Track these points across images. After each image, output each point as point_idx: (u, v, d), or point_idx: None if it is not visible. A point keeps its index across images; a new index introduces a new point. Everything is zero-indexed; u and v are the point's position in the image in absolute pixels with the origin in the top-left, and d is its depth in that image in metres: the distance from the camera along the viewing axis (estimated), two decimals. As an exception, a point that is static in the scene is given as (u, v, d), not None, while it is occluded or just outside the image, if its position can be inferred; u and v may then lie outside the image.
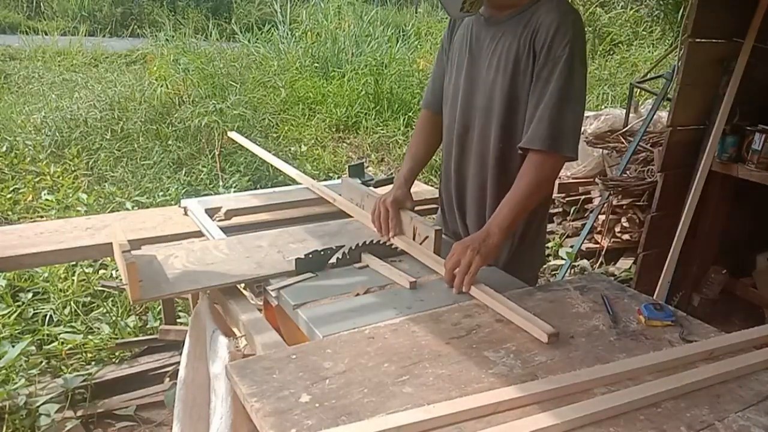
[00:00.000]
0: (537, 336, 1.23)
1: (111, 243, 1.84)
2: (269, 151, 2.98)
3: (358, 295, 1.43)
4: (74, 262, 3.06)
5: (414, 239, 1.68)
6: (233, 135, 3.03)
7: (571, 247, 3.68)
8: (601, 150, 4.06)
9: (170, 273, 1.50)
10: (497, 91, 1.60)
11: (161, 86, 5.29)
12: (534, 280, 1.80)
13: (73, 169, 4.39)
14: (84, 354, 2.65)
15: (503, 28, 1.59)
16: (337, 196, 2.07)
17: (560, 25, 1.48)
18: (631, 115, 4.03)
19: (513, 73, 1.56)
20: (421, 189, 2.43)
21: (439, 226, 1.93)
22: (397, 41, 7.85)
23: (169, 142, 4.76)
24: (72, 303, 2.92)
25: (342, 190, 2.08)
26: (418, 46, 7.96)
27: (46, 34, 8.39)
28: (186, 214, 2.04)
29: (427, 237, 1.63)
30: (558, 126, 1.50)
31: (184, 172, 4.51)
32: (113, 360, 2.67)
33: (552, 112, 1.49)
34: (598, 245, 3.88)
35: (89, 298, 3.03)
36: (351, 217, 1.96)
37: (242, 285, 1.53)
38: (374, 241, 1.64)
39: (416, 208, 1.81)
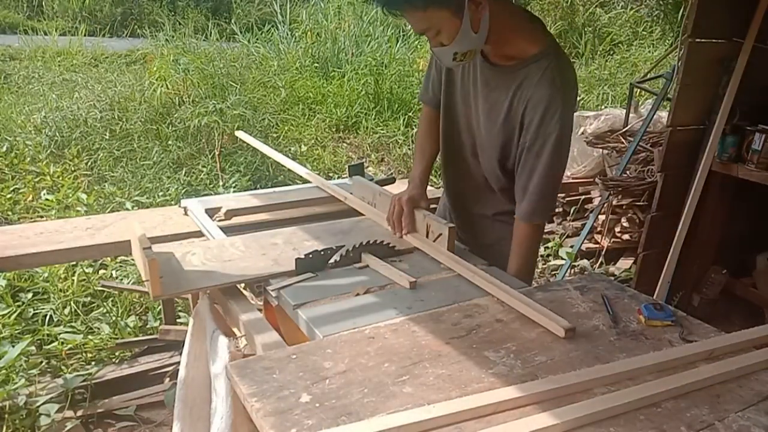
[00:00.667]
0: (553, 331, 1.24)
1: (111, 243, 1.85)
2: (272, 151, 2.97)
3: (358, 295, 1.43)
4: (74, 262, 3.06)
5: (427, 237, 1.69)
6: (240, 134, 3.02)
7: (571, 247, 3.68)
8: (601, 150, 4.06)
9: (189, 270, 1.51)
10: (494, 136, 1.64)
11: (161, 86, 5.27)
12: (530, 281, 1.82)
13: (73, 169, 4.39)
14: (84, 354, 2.65)
15: (498, 78, 1.58)
16: (348, 194, 2.08)
17: (551, 102, 1.48)
18: (631, 115, 4.03)
19: (502, 127, 1.60)
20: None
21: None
22: (397, 41, 7.82)
23: (169, 142, 4.76)
24: (72, 303, 2.92)
25: (353, 189, 2.10)
26: (418, 46, 7.92)
27: (46, 34, 8.38)
28: (186, 214, 2.05)
29: (440, 234, 1.64)
30: (546, 198, 1.61)
31: (184, 172, 4.51)
32: (113, 360, 2.67)
33: (543, 188, 1.58)
34: (598, 245, 3.88)
35: (89, 298, 3.03)
36: (360, 215, 1.97)
37: (242, 285, 1.53)
38: (374, 241, 1.64)
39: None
